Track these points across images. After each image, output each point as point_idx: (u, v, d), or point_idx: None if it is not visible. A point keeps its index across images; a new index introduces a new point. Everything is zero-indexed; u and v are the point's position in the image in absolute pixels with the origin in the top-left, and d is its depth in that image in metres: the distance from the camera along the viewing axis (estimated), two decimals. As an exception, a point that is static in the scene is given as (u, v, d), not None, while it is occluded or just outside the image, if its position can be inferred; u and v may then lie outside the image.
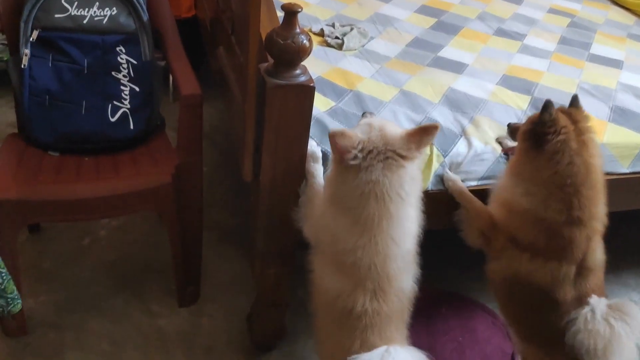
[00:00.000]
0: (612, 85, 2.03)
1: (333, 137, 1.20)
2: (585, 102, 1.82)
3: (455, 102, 1.77)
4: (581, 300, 1.42)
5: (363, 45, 2.06)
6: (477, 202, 1.54)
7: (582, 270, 1.43)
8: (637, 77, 2.12)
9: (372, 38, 2.12)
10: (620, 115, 1.83)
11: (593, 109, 1.82)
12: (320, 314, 1.38)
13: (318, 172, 1.45)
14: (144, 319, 1.85)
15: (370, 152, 1.20)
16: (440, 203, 1.57)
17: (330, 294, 1.30)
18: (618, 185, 1.77)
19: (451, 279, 2.14)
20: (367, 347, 1.25)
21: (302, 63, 1.32)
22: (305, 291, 1.50)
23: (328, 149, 1.49)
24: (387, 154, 1.21)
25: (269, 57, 1.32)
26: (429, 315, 1.84)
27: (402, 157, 1.21)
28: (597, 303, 1.40)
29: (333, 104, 1.65)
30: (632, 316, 1.39)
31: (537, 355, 1.54)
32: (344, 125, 1.56)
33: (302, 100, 1.31)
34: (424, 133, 1.23)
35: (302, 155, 1.41)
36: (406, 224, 1.27)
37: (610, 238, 1.47)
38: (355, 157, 1.20)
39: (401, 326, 1.35)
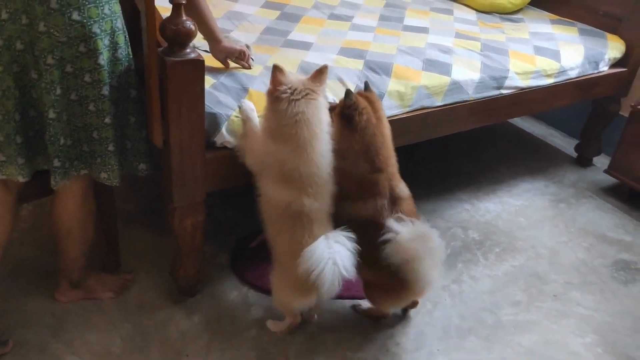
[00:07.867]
0: (422, 45, 2.62)
1: (275, 68, 1.71)
2: (404, 59, 2.42)
3: (308, 70, 2.21)
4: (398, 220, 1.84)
5: (226, 36, 2.45)
6: None
7: (394, 199, 1.90)
8: (440, 37, 2.75)
9: (231, 31, 2.53)
10: (430, 65, 2.42)
11: (411, 63, 2.39)
12: (274, 223, 1.82)
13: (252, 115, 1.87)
14: (75, 294, 2.09)
15: (294, 90, 1.70)
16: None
17: (282, 205, 1.76)
18: (435, 116, 2.36)
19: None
20: (313, 236, 1.73)
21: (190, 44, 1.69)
22: (213, 246, 1.84)
23: (223, 112, 1.88)
24: (305, 91, 1.72)
25: (165, 42, 1.68)
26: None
27: (315, 92, 1.74)
28: (393, 223, 1.81)
29: (214, 81, 2.03)
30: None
31: (376, 277, 1.94)
32: (228, 95, 1.95)
33: (195, 72, 1.69)
34: (321, 73, 1.77)
35: (201, 118, 1.78)
36: (325, 142, 1.78)
37: (444, 164, 1.97)
38: (285, 91, 1.69)
39: (329, 220, 1.84)
